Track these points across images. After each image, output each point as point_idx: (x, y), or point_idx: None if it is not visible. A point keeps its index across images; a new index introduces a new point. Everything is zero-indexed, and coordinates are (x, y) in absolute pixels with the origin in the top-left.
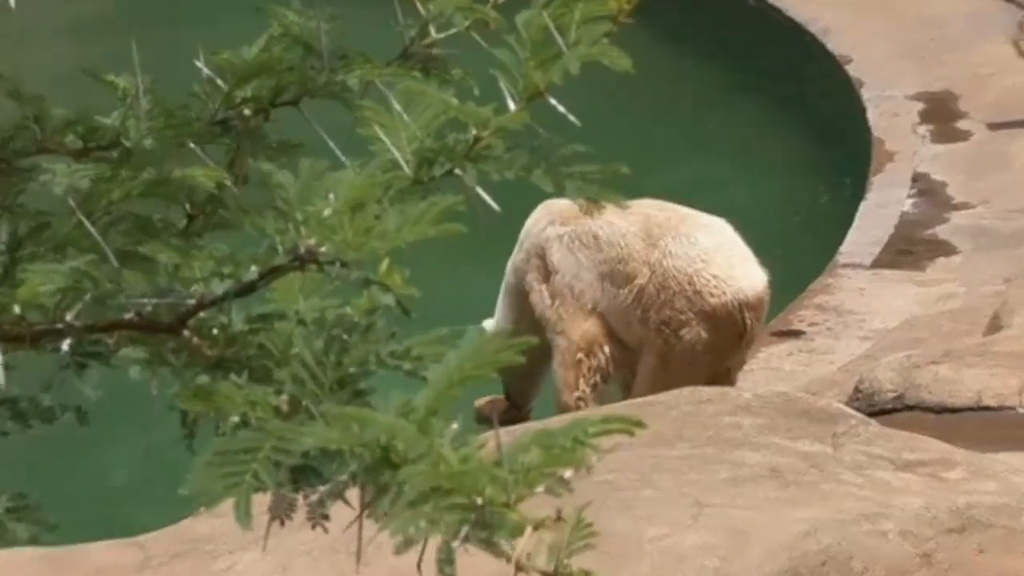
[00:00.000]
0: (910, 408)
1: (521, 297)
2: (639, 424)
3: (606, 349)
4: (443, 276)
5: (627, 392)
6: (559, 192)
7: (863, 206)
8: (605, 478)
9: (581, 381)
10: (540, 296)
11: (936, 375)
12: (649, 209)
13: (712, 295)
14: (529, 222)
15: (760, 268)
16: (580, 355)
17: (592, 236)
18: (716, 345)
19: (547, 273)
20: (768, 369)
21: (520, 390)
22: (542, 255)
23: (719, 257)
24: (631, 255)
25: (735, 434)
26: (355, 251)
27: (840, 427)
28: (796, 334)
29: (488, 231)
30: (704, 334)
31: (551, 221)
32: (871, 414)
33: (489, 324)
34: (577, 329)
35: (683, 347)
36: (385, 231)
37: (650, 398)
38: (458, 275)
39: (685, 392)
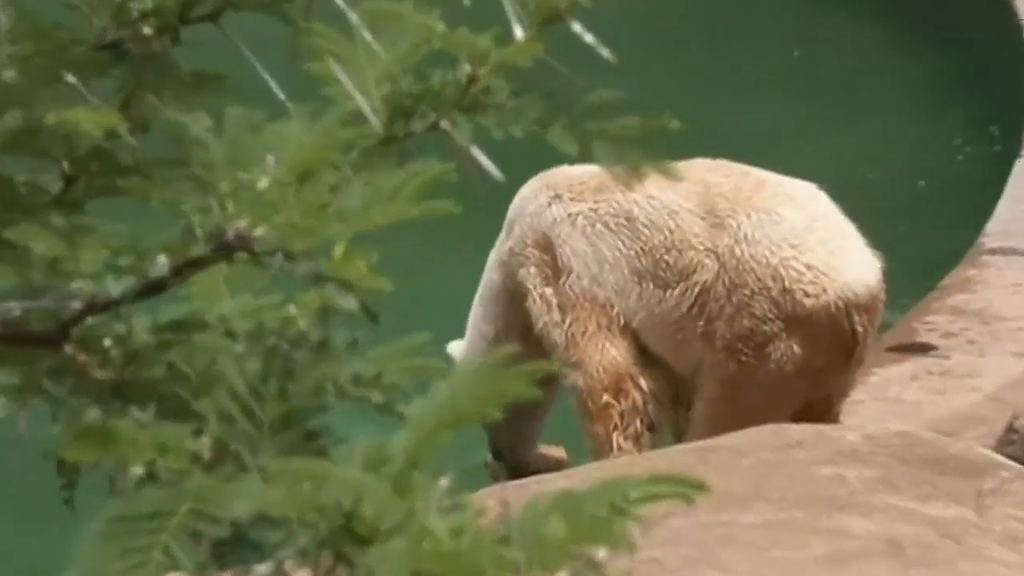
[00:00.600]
0: None
1: (510, 304)
2: (700, 487)
3: (643, 383)
4: (427, 270)
5: (680, 437)
6: (584, 155)
7: (1018, 167)
8: (652, 555)
9: (616, 436)
10: (542, 306)
11: None
12: (708, 174)
13: (807, 294)
14: (519, 197)
15: (871, 254)
16: (607, 397)
17: (624, 217)
18: (813, 365)
19: (554, 272)
20: (883, 399)
21: (508, 443)
22: (545, 245)
23: (814, 239)
24: (686, 241)
25: (837, 492)
26: (304, 237)
27: (987, 482)
28: (923, 349)
29: (488, 209)
30: (796, 350)
31: (555, 195)
32: None
33: (456, 347)
34: (598, 359)
35: (766, 371)
36: (346, 210)
37: (716, 442)
38: (447, 269)
39: (766, 433)
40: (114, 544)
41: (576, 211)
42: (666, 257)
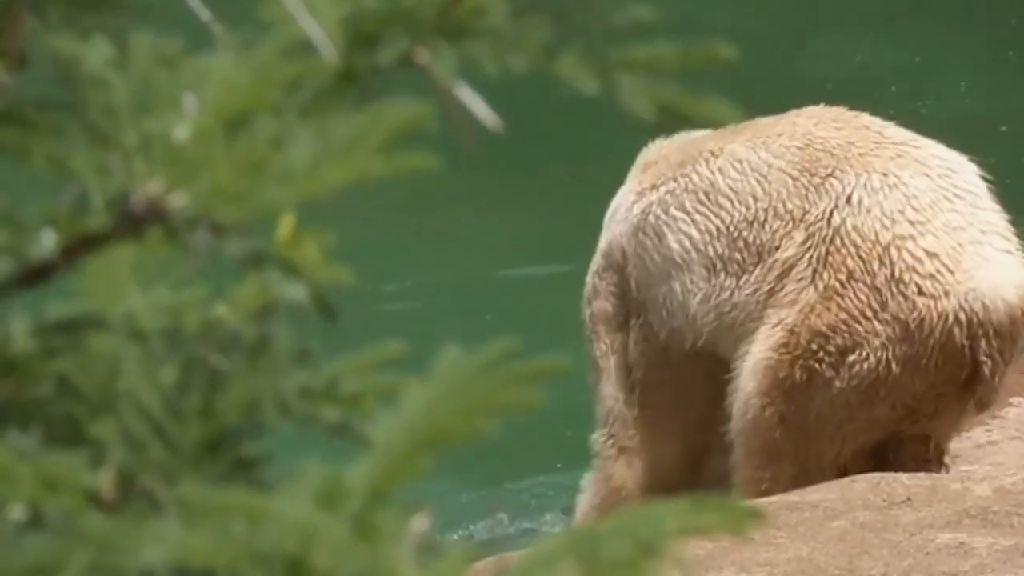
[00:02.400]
0: None
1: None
2: (754, 515)
3: (701, 473)
4: (400, 253)
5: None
6: (605, 92)
7: None
8: None
9: None
10: (599, 358)
11: None
12: (815, 126)
13: (922, 291)
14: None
15: (1020, 260)
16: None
17: (704, 192)
18: (909, 391)
19: (622, 309)
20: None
21: None
22: (620, 266)
23: (941, 221)
24: (771, 210)
25: (959, 566)
26: (235, 204)
27: None
28: None
29: (481, 169)
30: (892, 365)
31: (639, 187)
32: None
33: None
34: (654, 454)
35: (843, 386)
36: (291, 167)
37: (797, 497)
38: (427, 252)
39: (863, 485)
40: None
41: (651, 202)
42: (745, 234)
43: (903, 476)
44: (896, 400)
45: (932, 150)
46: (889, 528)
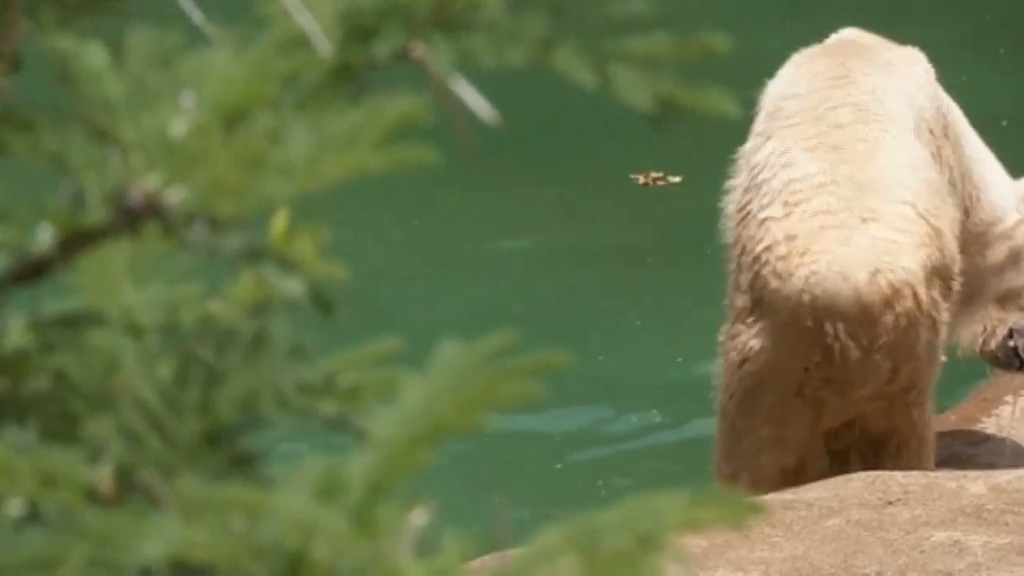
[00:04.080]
0: None
1: None
2: (756, 509)
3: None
4: (400, 249)
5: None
6: (602, 84)
7: None
8: None
9: None
10: None
11: None
12: (812, 76)
13: (776, 273)
14: None
15: (906, 251)
16: None
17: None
18: (785, 368)
19: None
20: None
21: None
22: None
23: (819, 204)
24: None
25: (954, 565)
26: (233, 198)
27: None
28: None
29: (481, 163)
30: (762, 343)
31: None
32: None
33: None
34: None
35: (730, 361)
36: (288, 162)
37: (792, 495)
38: (427, 247)
39: (857, 483)
40: None
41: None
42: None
43: (898, 475)
44: (780, 380)
45: (865, 133)
46: (884, 526)
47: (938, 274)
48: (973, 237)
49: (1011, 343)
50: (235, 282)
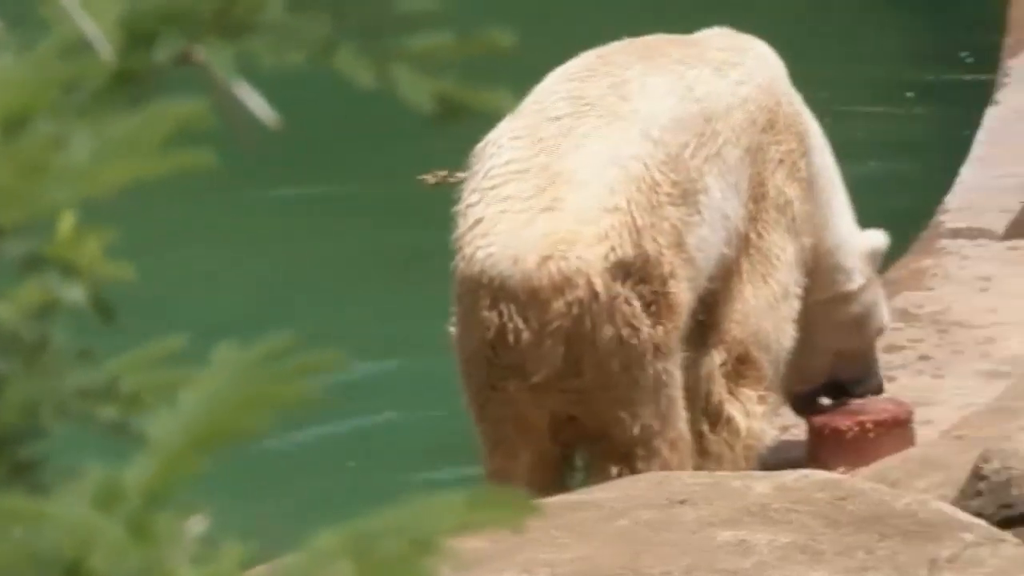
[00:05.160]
0: None
1: None
2: (531, 509)
3: None
4: (181, 251)
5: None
6: (384, 84)
7: (990, 115)
8: None
9: None
10: None
11: None
12: (599, 59)
13: (464, 256)
14: None
15: (588, 235)
16: None
17: None
18: (472, 351)
19: None
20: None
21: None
22: None
23: (512, 189)
24: None
25: (740, 564)
26: (15, 206)
27: (944, 548)
28: None
29: (264, 165)
30: (457, 327)
31: None
32: (1004, 522)
33: None
34: None
35: (457, 362)
36: (70, 167)
37: (579, 497)
38: (207, 248)
39: (645, 484)
40: None
41: None
42: None
43: (684, 475)
44: (476, 365)
45: (577, 127)
46: (671, 526)
47: (629, 272)
48: (818, 275)
49: (856, 392)
50: (17, 287)
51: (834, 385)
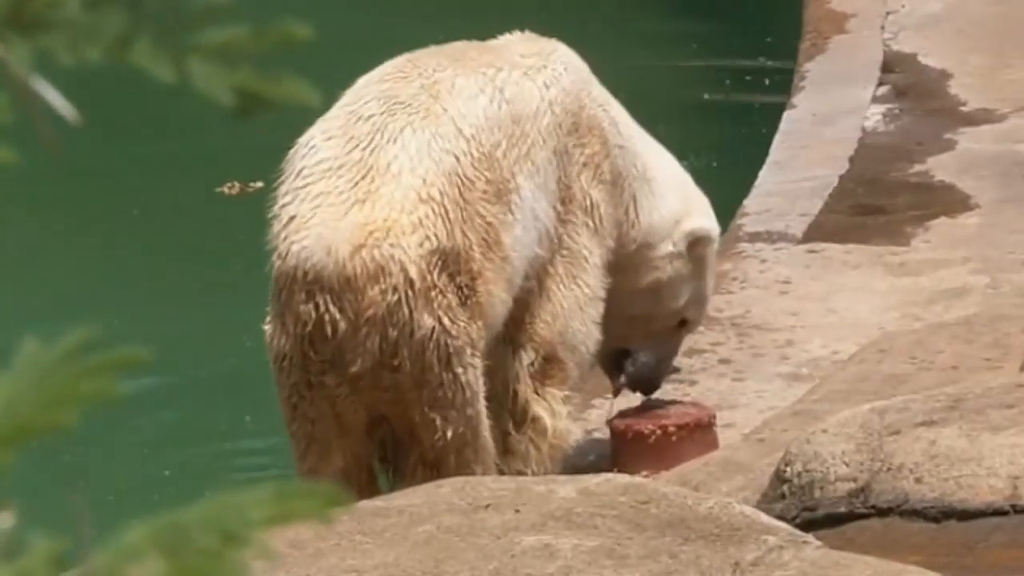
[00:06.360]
0: (882, 513)
1: None
2: (339, 501)
3: None
4: None
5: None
6: (181, 79)
7: (787, 119)
8: None
9: None
10: None
11: (932, 449)
12: (411, 64)
13: (279, 254)
14: None
15: (400, 226)
16: None
17: None
18: (286, 353)
19: None
20: (607, 439)
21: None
22: None
23: (328, 184)
24: None
25: (544, 569)
26: None
27: (748, 551)
28: None
29: (69, 165)
30: (278, 335)
31: None
32: (807, 524)
33: None
34: None
35: (273, 365)
36: None
37: (383, 503)
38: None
39: (448, 490)
40: None
41: None
42: None
43: (488, 480)
44: (294, 367)
45: (388, 124)
46: (475, 532)
47: (445, 262)
48: (624, 257)
49: (628, 366)
50: None
51: (620, 353)
